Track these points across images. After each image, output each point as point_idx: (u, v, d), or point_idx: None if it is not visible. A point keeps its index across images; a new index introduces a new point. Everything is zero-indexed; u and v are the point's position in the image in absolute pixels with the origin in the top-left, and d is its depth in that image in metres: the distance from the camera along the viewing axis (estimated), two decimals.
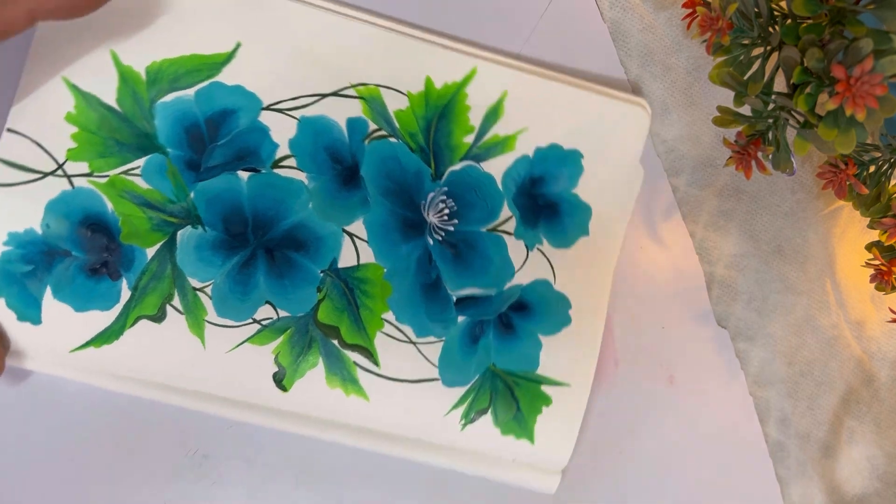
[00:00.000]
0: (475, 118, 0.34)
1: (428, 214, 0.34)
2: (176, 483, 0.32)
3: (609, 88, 0.36)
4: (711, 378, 0.38)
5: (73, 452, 0.32)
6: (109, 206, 0.31)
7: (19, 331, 0.31)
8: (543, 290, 0.35)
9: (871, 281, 0.34)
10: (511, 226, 0.35)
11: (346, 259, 0.33)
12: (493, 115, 0.35)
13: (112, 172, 0.31)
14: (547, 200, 0.36)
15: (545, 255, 0.35)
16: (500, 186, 0.35)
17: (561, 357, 0.35)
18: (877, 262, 0.34)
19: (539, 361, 0.35)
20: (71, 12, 0.25)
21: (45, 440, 0.32)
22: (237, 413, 0.32)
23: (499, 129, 0.35)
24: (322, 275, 0.33)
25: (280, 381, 0.33)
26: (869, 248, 0.35)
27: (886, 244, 0.33)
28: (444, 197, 0.34)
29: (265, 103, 0.33)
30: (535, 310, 0.35)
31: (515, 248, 0.35)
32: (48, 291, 0.31)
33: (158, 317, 0.32)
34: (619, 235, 0.36)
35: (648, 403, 0.37)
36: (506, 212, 0.35)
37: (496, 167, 0.35)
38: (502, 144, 0.35)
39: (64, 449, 0.32)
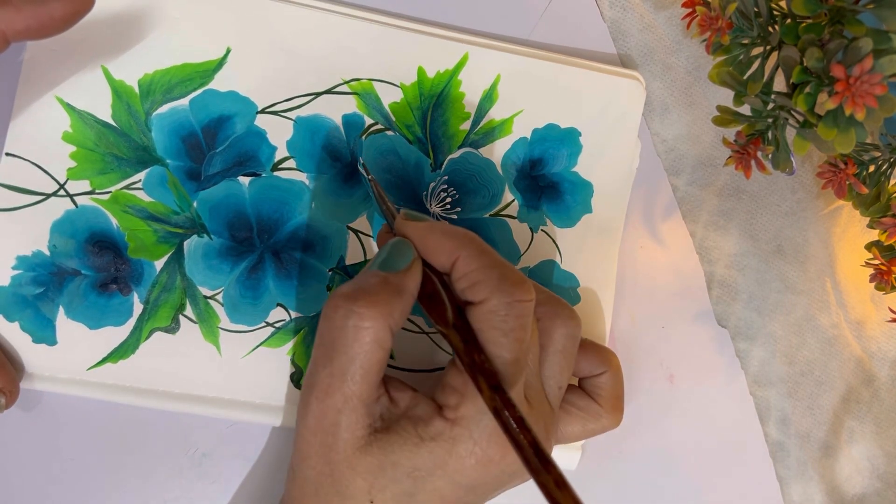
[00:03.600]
0: (470, 104, 0.35)
1: (430, 205, 0.34)
2: (176, 481, 0.33)
3: (602, 64, 0.36)
4: (711, 378, 0.38)
5: (73, 451, 0.32)
6: (114, 221, 0.31)
7: (35, 353, 0.31)
8: (550, 271, 0.36)
9: (871, 280, 0.34)
10: (514, 209, 0.35)
11: (354, 255, 0.34)
12: (487, 99, 0.35)
13: (114, 188, 0.31)
14: (548, 181, 0.36)
15: (550, 236, 0.36)
16: (500, 171, 0.35)
17: None
18: (876, 262, 0.33)
19: None
20: (41, 32, 0.25)
21: (45, 439, 0.32)
22: (257, 416, 0.32)
23: (495, 114, 0.35)
24: (331, 273, 0.33)
25: (298, 381, 0.33)
26: (869, 247, 0.35)
27: (886, 244, 0.33)
28: (445, 186, 0.35)
29: (260, 107, 0.33)
30: None
31: (520, 232, 0.35)
32: (61, 312, 0.31)
33: (172, 328, 0.32)
34: (622, 209, 0.36)
35: (648, 403, 0.37)
36: (507, 196, 0.35)
37: (495, 152, 0.35)
38: (499, 129, 0.35)
39: (64, 448, 0.32)
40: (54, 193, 0.31)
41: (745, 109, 0.30)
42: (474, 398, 0.26)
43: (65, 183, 0.31)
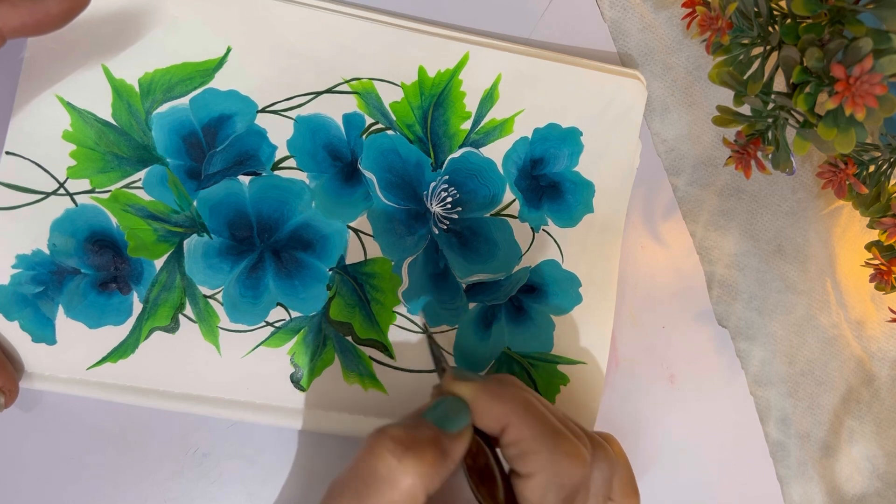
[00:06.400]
0: (471, 104, 0.34)
1: (431, 204, 0.34)
2: (176, 481, 0.33)
3: (603, 63, 0.36)
4: (711, 378, 0.38)
5: (73, 451, 0.32)
6: (114, 220, 0.31)
7: (35, 353, 0.31)
8: (552, 271, 0.35)
9: (871, 280, 0.34)
10: (515, 209, 0.35)
11: (354, 255, 0.33)
12: (488, 99, 0.35)
13: (114, 187, 0.31)
14: (549, 180, 0.36)
15: (551, 236, 0.36)
16: (500, 170, 0.35)
17: (575, 335, 0.35)
18: (876, 262, 0.34)
19: (553, 342, 0.35)
20: (38, 29, 0.25)
21: (44, 439, 0.32)
22: (257, 416, 0.32)
23: (496, 113, 0.35)
24: (331, 272, 0.33)
25: (298, 381, 0.33)
26: (869, 247, 0.35)
27: (886, 244, 0.33)
28: (446, 185, 0.34)
29: (260, 106, 0.33)
30: (545, 291, 0.35)
31: (521, 231, 0.35)
32: (60, 311, 0.31)
33: (172, 327, 0.32)
34: (622, 209, 0.36)
35: (649, 403, 0.37)
36: (509, 195, 0.35)
37: (496, 151, 0.35)
38: (500, 128, 0.35)
39: (64, 448, 0.32)
40: (54, 192, 0.31)
41: (745, 109, 0.30)
42: None
43: (65, 182, 0.31)
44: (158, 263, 0.32)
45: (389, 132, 0.34)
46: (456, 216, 0.35)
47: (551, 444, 0.26)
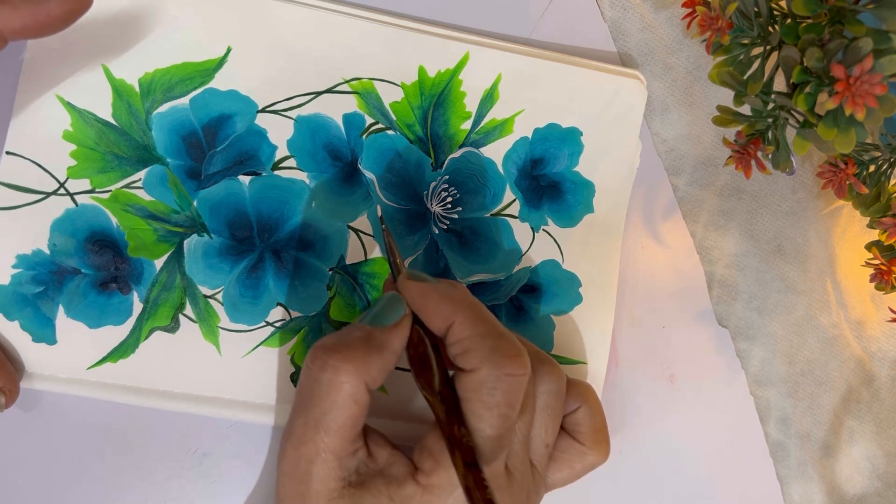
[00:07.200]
0: (471, 104, 0.34)
1: (431, 204, 0.34)
2: (176, 481, 0.33)
3: (603, 63, 0.36)
4: (711, 378, 0.38)
5: (73, 451, 0.32)
6: (114, 220, 0.31)
7: (35, 353, 0.31)
8: (552, 271, 0.35)
9: (871, 280, 0.34)
10: (515, 209, 0.35)
11: (354, 255, 0.34)
12: (488, 99, 0.35)
13: (114, 187, 0.31)
14: (549, 180, 0.36)
15: (551, 236, 0.36)
16: (501, 170, 0.35)
17: (575, 335, 0.35)
18: (876, 262, 0.34)
19: (553, 342, 0.35)
20: (40, 31, 0.25)
21: (44, 439, 0.32)
22: (257, 416, 0.32)
23: (496, 113, 0.35)
24: (331, 272, 0.33)
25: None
26: (869, 247, 0.35)
27: (886, 244, 0.33)
28: (446, 185, 0.34)
29: (260, 106, 0.33)
30: (546, 291, 0.35)
31: (521, 231, 0.35)
32: (61, 310, 0.31)
33: (172, 327, 0.32)
34: (622, 209, 0.36)
35: (649, 403, 0.37)
36: (509, 195, 0.35)
37: (496, 151, 0.35)
38: (500, 128, 0.35)
39: (64, 448, 0.32)
40: (54, 192, 0.31)
41: (745, 109, 0.30)
42: (448, 468, 0.26)
43: (65, 181, 0.31)
44: (158, 263, 0.32)
45: (389, 132, 0.34)
46: (456, 216, 0.35)
47: (492, 343, 0.26)
